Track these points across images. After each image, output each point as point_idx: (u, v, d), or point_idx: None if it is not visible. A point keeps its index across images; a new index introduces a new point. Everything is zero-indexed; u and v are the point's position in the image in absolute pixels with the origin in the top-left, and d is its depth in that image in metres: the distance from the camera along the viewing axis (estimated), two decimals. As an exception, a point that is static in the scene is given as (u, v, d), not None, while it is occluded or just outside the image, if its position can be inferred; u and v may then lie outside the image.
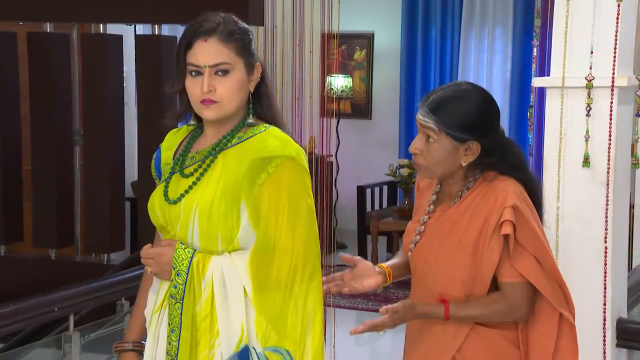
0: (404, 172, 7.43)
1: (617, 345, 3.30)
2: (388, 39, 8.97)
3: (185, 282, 2.15)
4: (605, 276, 3.16)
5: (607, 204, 3.16)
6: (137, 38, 5.85)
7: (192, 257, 2.15)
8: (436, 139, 2.25)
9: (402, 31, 8.79)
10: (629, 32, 3.25)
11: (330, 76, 8.62)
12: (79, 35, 6.02)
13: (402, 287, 7.37)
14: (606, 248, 3.17)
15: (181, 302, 2.15)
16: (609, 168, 3.15)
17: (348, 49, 8.85)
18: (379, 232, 7.41)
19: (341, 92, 8.57)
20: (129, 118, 7.22)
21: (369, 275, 2.39)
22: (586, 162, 3.17)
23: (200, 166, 2.21)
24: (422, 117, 2.27)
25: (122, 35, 5.96)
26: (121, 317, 4.41)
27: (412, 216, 2.50)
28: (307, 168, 2.21)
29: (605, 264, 3.17)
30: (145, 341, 2.32)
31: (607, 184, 3.16)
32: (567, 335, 2.26)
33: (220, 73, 2.15)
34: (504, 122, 8.40)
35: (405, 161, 7.57)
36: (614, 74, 3.13)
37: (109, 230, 5.80)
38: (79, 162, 6.13)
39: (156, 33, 5.65)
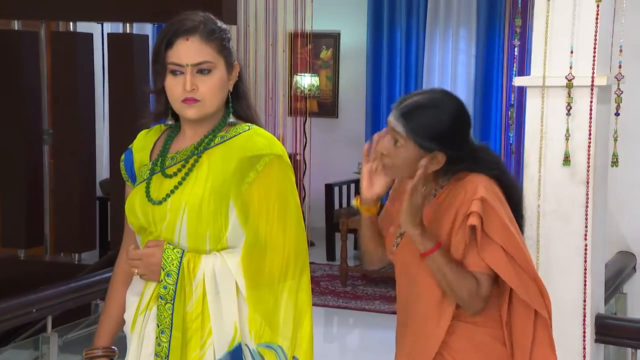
0: (372, 170, 7.40)
1: (596, 341, 3.32)
2: (354, 38, 8.98)
3: (176, 283, 2.11)
4: (585, 273, 3.19)
5: (587, 202, 3.18)
6: (109, 36, 5.77)
7: (181, 257, 2.12)
8: (403, 144, 2.23)
9: (367, 31, 8.80)
10: (608, 32, 3.27)
11: (298, 75, 8.60)
12: (47, 34, 5.92)
13: (371, 285, 7.38)
14: (586, 245, 3.19)
15: (172, 302, 2.11)
16: (589, 166, 3.17)
17: (315, 48, 8.83)
18: (347, 230, 7.40)
19: (308, 90, 8.55)
20: (98, 116, 7.13)
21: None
22: (566, 160, 3.18)
23: (184, 166, 2.18)
24: (392, 120, 2.25)
25: (92, 34, 5.88)
26: (96, 318, 4.34)
27: (393, 221, 2.45)
28: (291, 166, 2.22)
29: (585, 261, 3.19)
30: (115, 347, 2.29)
31: (587, 182, 3.18)
32: (542, 328, 2.25)
33: (202, 72, 2.12)
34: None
35: (374, 159, 7.56)
36: (593, 73, 3.15)
37: (80, 229, 5.72)
38: (48, 161, 6.04)
39: (127, 31, 5.58)
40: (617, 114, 3.20)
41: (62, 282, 3.72)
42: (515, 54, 3.31)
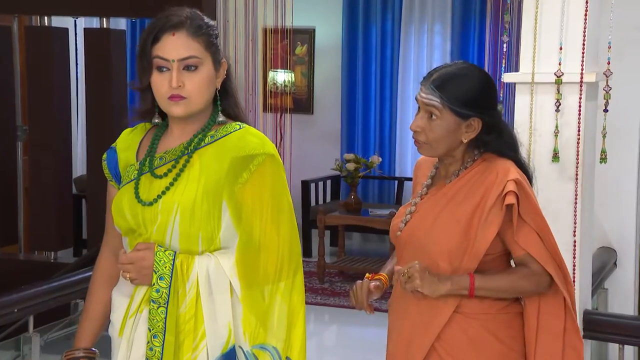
0: (350, 166, 7.40)
1: (584, 337, 3.32)
2: (329, 34, 8.93)
3: (170, 286, 2.06)
4: (574, 269, 3.18)
5: (576, 198, 3.18)
6: (85, 31, 5.69)
7: (174, 259, 2.07)
8: (439, 115, 2.25)
9: (343, 26, 8.76)
10: (596, 28, 3.27)
11: (273, 71, 8.54)
12: (20, 28, 5.82)
13: (349, 281, 7.36)
14: (575, 241, 3.18)
15: (165, 306, 2.06)
16: (578, 163, 3.17)
17: (290, 44, 8.77)
18: (325, 227, 7.38)
19: (284, 87, 8.50)
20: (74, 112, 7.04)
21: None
22: (555, 157, 3.18)
23: (174, 166, 2.12)
24: (425, 94, 2.27)
25: (67, 28, 5.79)
26: (76, 317, 4.28)
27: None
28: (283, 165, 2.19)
29: (574, 257, 3.19)
30: (95, 348, 2.24)
31: (577, 179, 3.17)
32: (570, 315, 2.27)
33: (188, 68, 2.07)
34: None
35: (352, 156, 7.55)
36: (582, 70, 3.14)
37: (56, 227, 5.63)
38: (22, 157, 5.94)
39: (104, 26, 5.50)
40: (605, 111, 3.20)
41: (44, 281, 3.65)
42: (504, 50, 3.29)
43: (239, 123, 2.17)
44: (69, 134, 5.90)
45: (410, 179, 8.50)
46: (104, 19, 5.51)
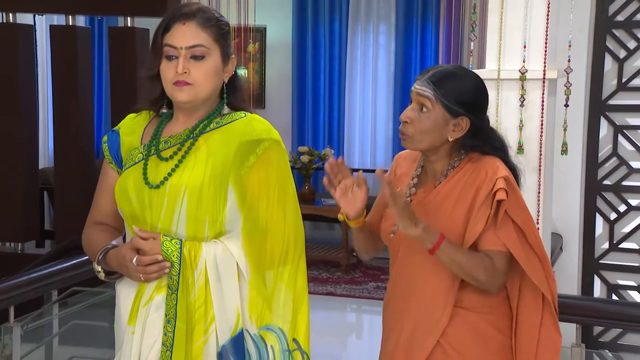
0: (305, 158, 7.37)
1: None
2: (280, 33, 8.86)
3: (179, 273, 2.00)
4: (537, 255, 3.19)
5: (539, 188, 3.20)
6: (51, 28, 5.52)
7: (181, 247, 2.00)
8: (430, 108, 2.19)
9: (293, 25, 8.70)
10: (557, 28, 3.29)
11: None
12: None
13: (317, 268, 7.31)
14: (538, 229, 3.19)
15: (176, 292, 2.00)
16: (540, 154, 3.19)
17: (242, 41, 8.67)
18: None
19: (237, 83, 8.40)
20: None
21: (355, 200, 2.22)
22: (520, 149, 3.19)
23: (179, 149, 2.06)
24: (419, 86, 2.21)
25: (32, 25, 5.61)
26: (49, 306, 4.15)
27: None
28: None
29: (538, 244, 3.20)
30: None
31: (539, 170, 3.19)
32: (548, 309, 2.22)
33: (196, 58, 2.03)
34: (389, 111, 8.46)
35: (305, 148, 7.52)
36: (545, 67, 3.16)
37: (24, 219, 5.46)
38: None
39: (70, 24, 5.34)
40: (566, 105, 3.22)
41: (23, 272, 3.53)
42: (472, 47, 3.28)
43: (244, 112, 2.13)
44: (36, 126, 5.73)
45: (357, 170, 8.55)
46: (69, 17, 5.35)
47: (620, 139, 4.74)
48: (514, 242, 2.15)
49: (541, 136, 3.17)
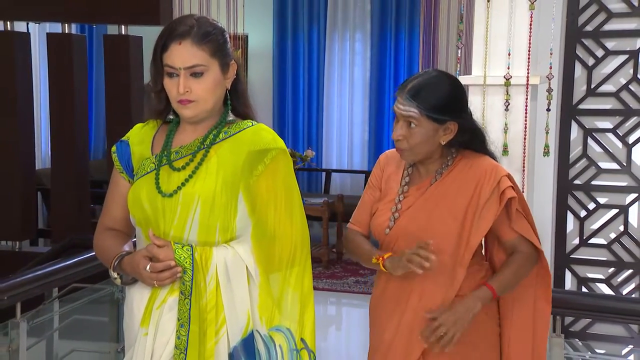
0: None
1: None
2: (261, 41, 8.86)
3: (192, 279, 2.00)
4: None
5: (523, 188, 3.24)
6: (48, 36, 5.46)
7: (192, 253, 2.00)
8: (418, 123, 2.21)
9: (273, 34, 8.72)
10: (539, 36, 3.33)
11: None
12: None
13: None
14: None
15: (189, 297, 2.00)
16: (524, 156, 3.23)
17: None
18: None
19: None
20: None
21: None
22: (505, 151, 3.23)
23: (192, 160, 2.06)
24: (402, 106, 2.22)
25: (29, 33, 5.55)
26: (50, 302, 4.11)
27: (381, 198, 2.41)
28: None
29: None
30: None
31: (523, 170, 3.23)
32: (542, 284, 2.31)
33: (195, 75, 2.00)
34: (365, 114, 8.49)
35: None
36: (528, 73, 3.20)
37: (21, 218, 5.41)
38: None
39: (66, 32, 5.29)
40: (548, 110, 3.27)
41: (29, 269, 3.49)
42: (459, 55, 3.32)
43: (251, 121, 2.12)
44: (32, 130, 5.67)
45: (335, 171, 8.57)
46: (65, 25, 5.30)
47: (590, 141, 4.79)
48: (527, 229, 2.25)
49: (525, 138, 3.21)
